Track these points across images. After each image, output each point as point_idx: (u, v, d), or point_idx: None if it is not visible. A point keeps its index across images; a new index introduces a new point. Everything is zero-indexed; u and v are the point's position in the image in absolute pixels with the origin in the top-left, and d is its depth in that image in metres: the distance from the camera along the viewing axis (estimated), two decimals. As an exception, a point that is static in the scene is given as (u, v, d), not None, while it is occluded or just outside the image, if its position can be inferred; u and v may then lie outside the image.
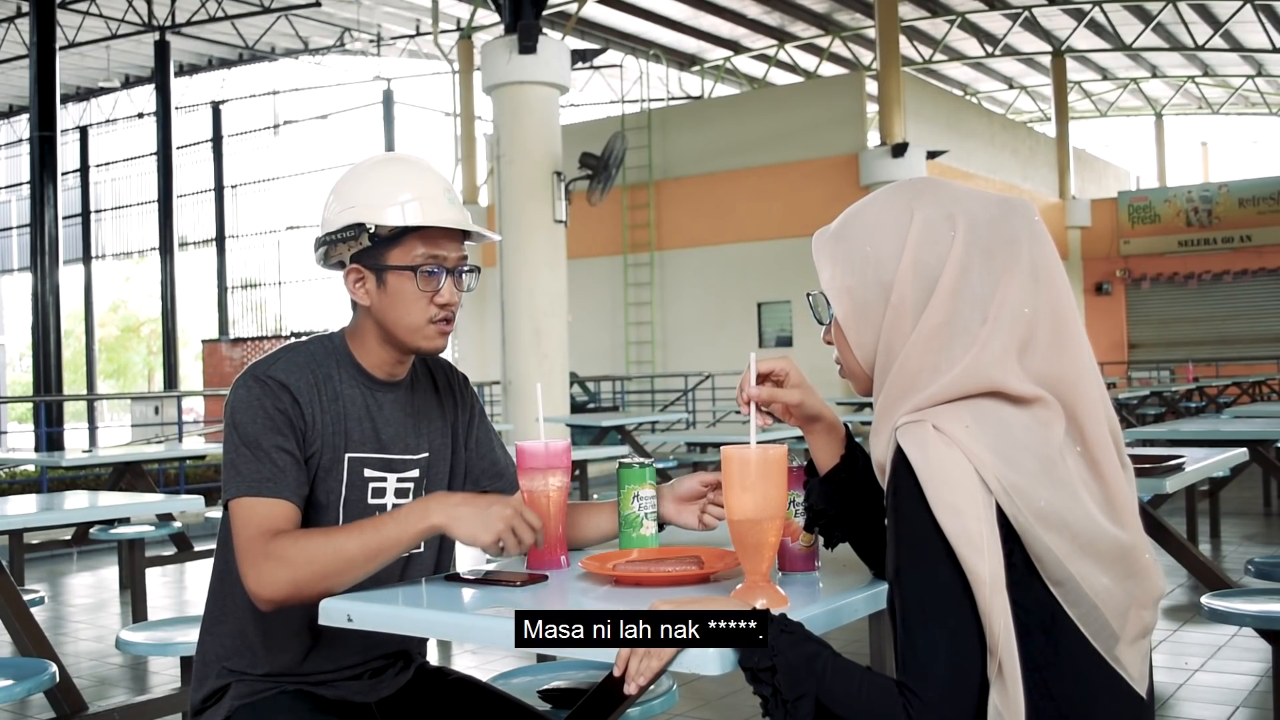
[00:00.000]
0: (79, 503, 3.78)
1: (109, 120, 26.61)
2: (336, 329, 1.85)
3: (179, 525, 5.93)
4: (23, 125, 25.22)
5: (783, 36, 21.36)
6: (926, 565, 1.17)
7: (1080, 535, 1.18)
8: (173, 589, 6.52)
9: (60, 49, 14.97)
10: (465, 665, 4.45)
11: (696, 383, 15.97)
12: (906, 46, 20.04)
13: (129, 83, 24.68)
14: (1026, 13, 19.75)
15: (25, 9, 15.78)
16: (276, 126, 25.03)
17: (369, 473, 1.77)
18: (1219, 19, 19.49)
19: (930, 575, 1.16)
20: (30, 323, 13.59)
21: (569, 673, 2.29)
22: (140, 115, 25.34)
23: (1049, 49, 21.84)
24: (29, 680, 2.53)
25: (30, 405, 12.78)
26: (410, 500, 1.80)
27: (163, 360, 21.57)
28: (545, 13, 11.21)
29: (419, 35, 21.66)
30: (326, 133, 36.01)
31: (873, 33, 17.56)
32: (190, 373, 30.07)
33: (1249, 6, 18.51)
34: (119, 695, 4.21)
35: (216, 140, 24.92)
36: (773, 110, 17.61)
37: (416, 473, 1.82)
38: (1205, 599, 2.93)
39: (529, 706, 1.88)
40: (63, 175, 15.03)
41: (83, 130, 26.07)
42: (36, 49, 13.42)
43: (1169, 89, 26.31)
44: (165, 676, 4.46)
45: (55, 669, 2.66)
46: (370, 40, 22.13)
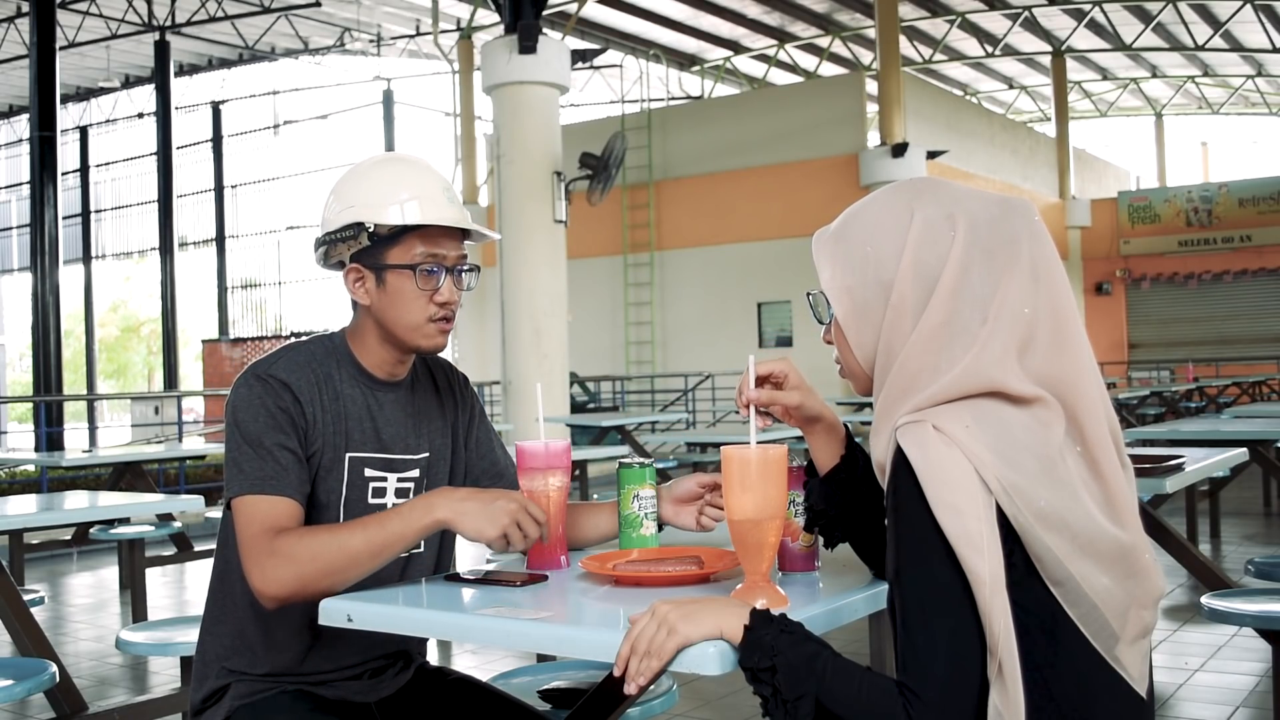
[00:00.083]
0: (79, 503, 3.78)
1: (109, 120, 26.61)
2: (337, 329, 1.85)
3: (179, 525, 5.93)
4: (23, 125, 25.23)
5: (783, 36, 21.36)
6: (926, 565, 1.17)
7: (1080, 535, 1.18)
8: (173, 589, 6.52)
9: (60, 49, 14.97)
10: (465, 665, 4.45)
11: (696, 383, 15.97)
12: (906, 46, 20.04)
13: (129, 83, 24.68)
14: (1026, 13, 19.75)
15: (25, 9, 15.78)
16: (276, 126, 25.04)
17: (369, 472, 1.77)
18: (1219, 19, 19.49)
19: (930, 575, 1.16)
20: (30, 323, 13.59)
21: (569, 673, 2.29)
22: (140, 115, 25.34)
23: (1049, 49, 21.84)
24: (29, 680, 2.53)
25: (30, 405, 12.77)
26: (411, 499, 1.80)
27: (163, 360, 21.57)
28: (545, 13, 11.21)
29: (419, 35, 21.66)
30: (326, 133, 36.05)
31: (873, 33, 17.56)
32: (190, 373, 30.06)
33: (1249, 6, 18.51)
34: (119, 695, 4.21)
35: (216, 140, 24.93)
36: (773, 110, 17.60)
37: (417, 472, 1.82)
38: (1205, 599, 2.93)
39: (529, 706, 1.88)
40: (63, 175, 15.03)
41: (83, 130, 26.07)
42: (36, 49, 13.42)
43: (1169, 89, 26.31)
44: (165, 676, 4.46)
45: (55, 669, 2.66)
46: (370, 40, 22.13)
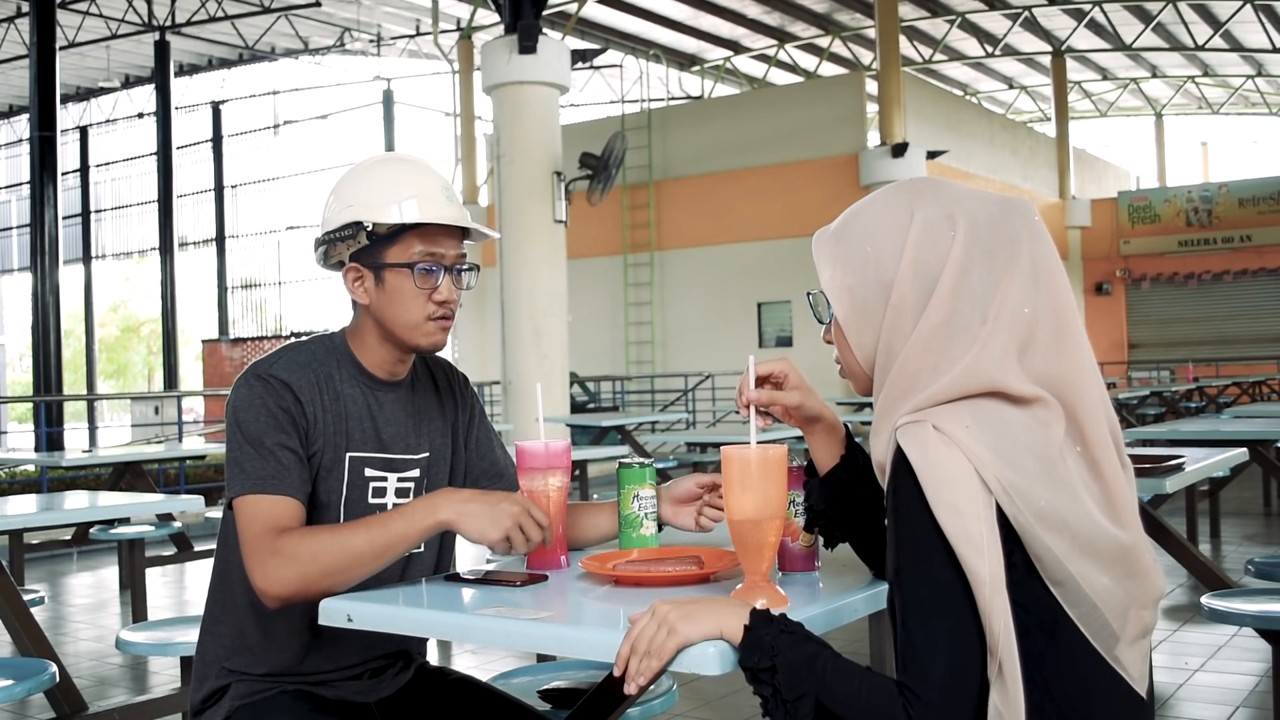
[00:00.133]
0: (79, 503, 3.78)
1: (109, 120, 26.61)
2: (337, 329, 1.85)
3: (179, 525, 5.93)
4: (23, 125, 25.23)
5: (783, 36, 21.36)
6: (926, 565, 1.16)
7: (1080, 535, 1.18)
8: (173, 589, 6.52)
9: (60, 49, 14.97)
10: (465, 665, 4.45)
11: (696, 383, 15.97)
12: (906, 46, 20.04)
13: (129, 83, 24.68)
14: (1026, 13, 19.75)
15: (25, 9, 15.78)
16: (276, 126, 25.04)
17: (370, 472, 1.77)
18: (1219, 19, 19.48)
19: (930, 575, 1.16)
20: (30, 323, 13.59)
21: (569, 673, 2.29)
22: (140, 115, 25.34)
23: (1049, 49, 21.83)
24: (29, 680, 2.53)
25: (30, 405, 12.76)
26: (410, 500, 1.80)
27: (163, 360, 21.57)
28: (545, 13, 11.21)
29: (419, 35, 21.66)
30: (326, 133, 36.05)
31: (873, 33, 17.56)
32: (190, 373, 30.07)
33: (1249, 6, 18.51)
34: (119, 695, 4.21)
35: (216, 140, 24.93)
36: (773, 110, 17.60)
37: (417, 472, 1.82)
38: (1205, 599, 2.93)
39: (529, 706, 1.88)
40: (63, 175, 15.03)
41: (83, 130, 26.07)
42: (36, 49, 13.42)
43: (1169, 89, 26.31)
44: (165, 676, 4.46)
45: (55, 669, 2.66)
46: (370, 40, 22.13)
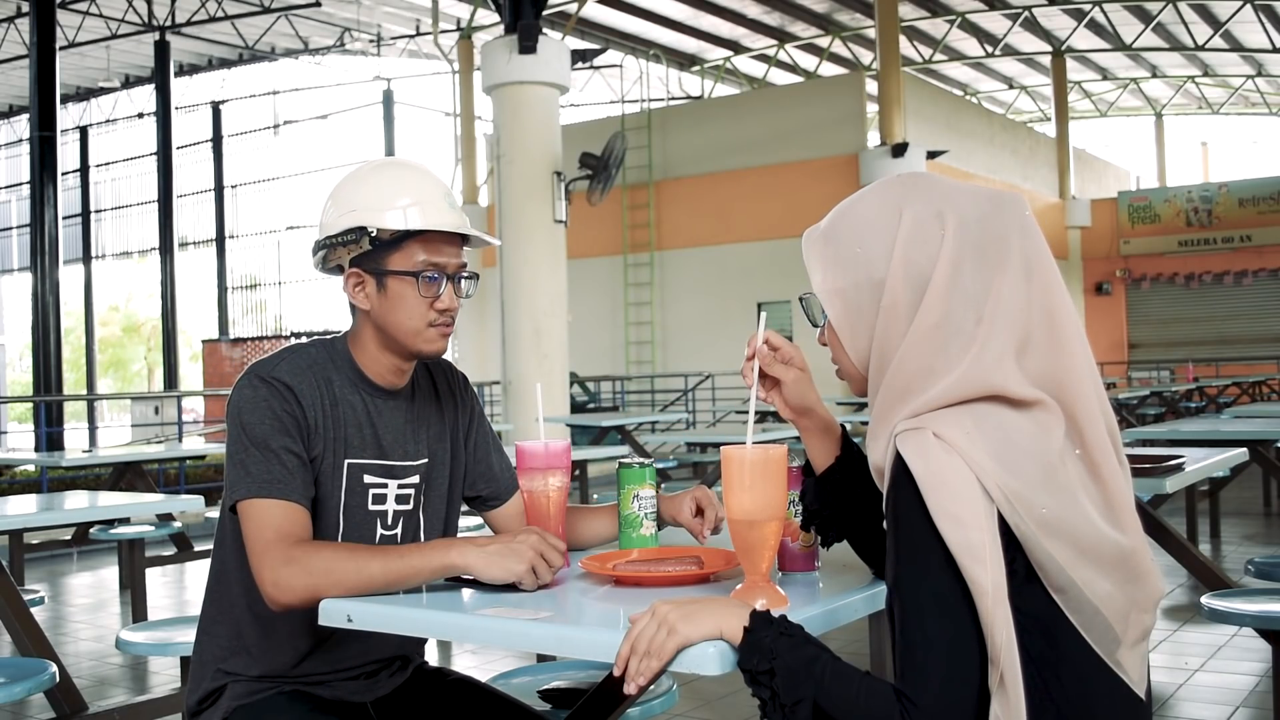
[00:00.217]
0: (79, 503, 3.78)
1: (109, 120, 26.60)
2: (339, 333, 1.85)
3: (179, 525, 5.94)
4: (23, 125, 25.22)
5: (783, 36, 21.35)
6: (927, 574, 1.16)
7: (1082, 541, 1.18)
8: (173, 589, 6.52)
9: (60, 49, 14.96)
10: (465, 665, 4.45)
11: (696, 383, 15.97)
12: (906, 46, 20.03)
13: (129, 83, 24.67)
14: (1026, 13, 19.74)
15: (25, 9, 15.78)
16: (276, 126, 25.03)
17: (369, 479, 1.77)
18: (1219, 19, 19.47)
19: (930, 584, 1.16)
20: (30, 323, 13.59)
21: (569, 673, 2.29)
22: (140, 115, 25.33)
23: (1049, 49, 21.83)
24: (29, 680, 2.53)
25: (30, 405, 12.76)
26: (411, 506, 1.82)
27: (163, 360, 21.56)
28: (545, 13, 11.20)
29: (419, 35, 21.65)
30: (326, 133, 36.09)
31: (873, 33, 17.56)
32: (189, 373, 30.06)
33: (1249, 6, 18.50)
34: (119, 695, 4.21)
35: (216, 140, 24.92)
36: (773, 110, 17.59)
37: (417, 478, 1.82)
38: (1205, 599, 2.93)
39: (528, 707, 1.88)
40: (63, 175, 15.02)
41: (83, 130, 26.06)
42: (36, 49, 13.41)
43: (1169, 89, 26.30)
44: (165, 676, 4.46)
45: (55, 669, 2.66)
46: (370, 40, 22.12)
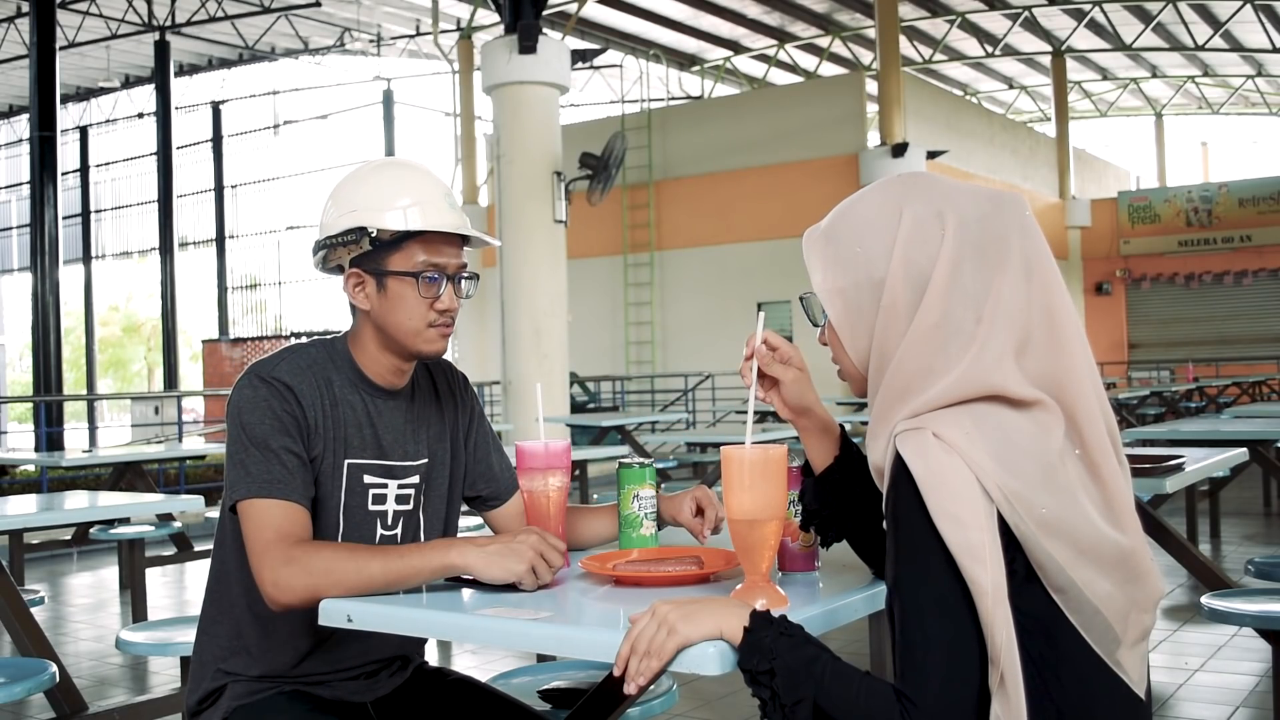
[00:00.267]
0: (79, 503, 3.78)
1: (109, 120, 26.61)
2: (339, 333, 1.85)
3: (179, 525, 5.94)
4: (23, 125, 25.22)
5: (783, 36, 21.35)
6: (927, 574, 1.16)
7: (1082, 541, 1.17)
8: (173, 589, 6.52)
9: (60, 49, 14.96)
10: (465, 665, 4.45)
11: (696, 383, 15.97)
12: (906, 46, 20.03)
13: (129, 83, 24.67)
14: (1026, 13, 19.74)
15: (25, 9, 15.78)
16: (276, 126, 25.03)
17: (369, 479, 1.77)
18: (1219, 19, 19.47)
19: (930, 584, 1.16)
20: (30, 323, 13.59)
21: (569, 673, 2.29)
22: (140, 115, 25.34)
23: (1049, 49, 21.82)
24: (29, 680, 2.53)
25: (30, 405, 12.76)
26: (411, 506, 1.81)
27: (163, 360, 21.56)
28: (545, 13, 11.20)
29: (419, 35, 21.65)
30: (326, 133, 36.09)
31: (873, 33, 17.56)
32: (189, 373, 30.06)
33: (1249, 6, 18.50)
34: (119, 695, 4.21)
35: (216, 140, 24.92)
36: (773, 110, 17.59)
37: (417, 479, 1.82)
38: (1205, 599, 2.93)
39: (528, 707, 1.88)
40: (63, 175, 15.02)
41: (83, 130, 26.06)
42: (36, 49, 13.41)
43: (1169, 89, 26.30)
44: (165, 676, 4.46)
45: (55, 669, 2.66)
46: (370, 40, 22.12)
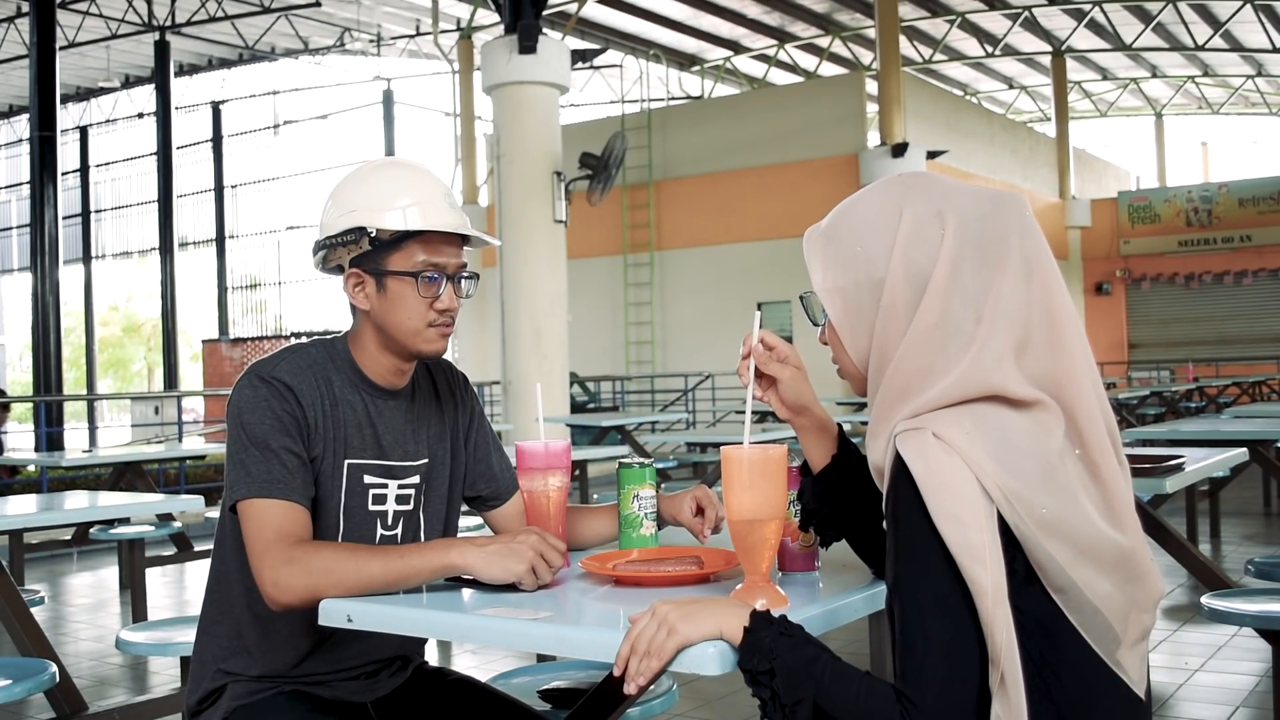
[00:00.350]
0: (79, 503, 3.78)
1: (109, 120, 26.60)
2: (339, 333, 1.84)
3: (179, 525, 5.94)
4: (23, 125, 25.22)
5: (783, 36, 21.35)
6: (927, 575, 1.16)
7: (1082, 542, 1.17)
8: (173, 589, 6.52)
9: (60, 49, 14.96)
10: (465, 665, 4.45)
11: (696, 383, 15.97)
12: (906, 46, 20.02)
13: (129, 83, 24.67)
14: (1026, 13, 19.74)
15: (25, 9, 15.77)
16: (276, 126, 25.03)
17: (369, 479, 1.77)
18: (1219, 19, 19.47)
19: (930, 585, 1.16)
20: (30, 323, 13.58)
21: (569, 673, 2.29)
22: (140, 115, 25.33)
23: (1049, 49, 21.82)
24: (29, 680, 2.53)
25: (30, 405, 12.77)
26: (411, 506, 1.81)
27: (163, 360, 21.55)
28: (545, 13, 11.20)
29: (419, 35, 21.64)
30: (326, 133, 36.10)
31: (873, 33, 17.56)
32: (189, 373, 30.06)
33: (1249, 6, 18.50)
34: (119, 695, 4.21)
35: (216, 140, 24.92)
36: (773, 110, 17.59)
37: (417, 479, 1.82)
38: (1205, 599, 2.93)
39: (528, 707, 1.88)
40: (63, 175, 15.01)
41: (83, 130, 26.06)
42: (36, 49, 13.41)
43: (1169, 89, 26.29)
44: (165, 676, 4.46)
45: (55, 669, 2.66)
46: (370, 40, 22.12)
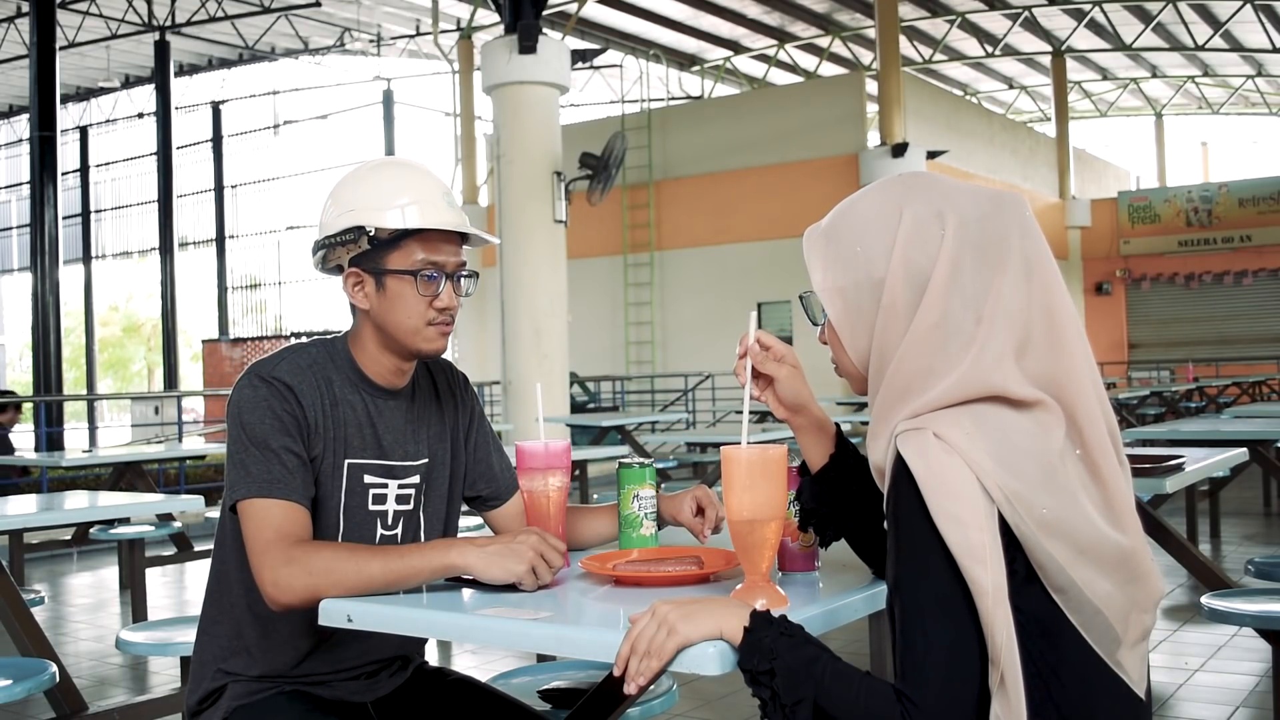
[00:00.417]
0: (79, 503, 3.78)
1: (109, 120, 26.60)
2: (339, 333, 1.84)
3: (179, 525, 5.94)
4: (23, 125, 25.22)
5: (783, 36, 21.35)
6: (927, 575, 1.16)
7: (1082, 542, 1.17)
8: (173, 589, 6.52)
9: (60, 49, 14.96)
10: (465, 665, 4.45)
11: (696, 383, 15.97)
12: (906, 46, 20.03)
13: (129, 83, 24.67)
14: (1026, 13, 19.74)
15: (25, 9, 15.78)
16: (276, 126, 25.03)
17: (369, 479, 1.77)
18: (1219, 19, 19.48)
19: (931, 585, 1.16)
20: (30, 323, 13.58)
21: (569, 673, 2.29)
22: (140, 115, 25.33)
23: (1049, 49, 21.83)
24: (29, 680, 2.53)
25: (30, 405, 12.77)
26: (411, 506, 1.81)
27: (163, 360, 21.55)
28: (545, 13, 11.20)
29: (419, 35, 21.65)
30: (326, 133, 36.12)
31: (873, 33, 17.56)
32: (189, 373, 30.06)
33: (1249, 6, 18.50)
34: (119, 695, 4.21)
35: (216, 140, 24.92)
36: (773, 110, 17.59)
37: (417, 478, 1.82)
38: (1205, 599, 2.93)
39: (528, 707, 1.88)
40: (63, 175, 15.01)
41: (83, 130, 26.06)
42: (36, 49, 13.41)
43: (1169, 89, 26.30)
44: (165, 676, 4.46)
45: (55, 669, 2.66)
46: (370, 40, 22.12)
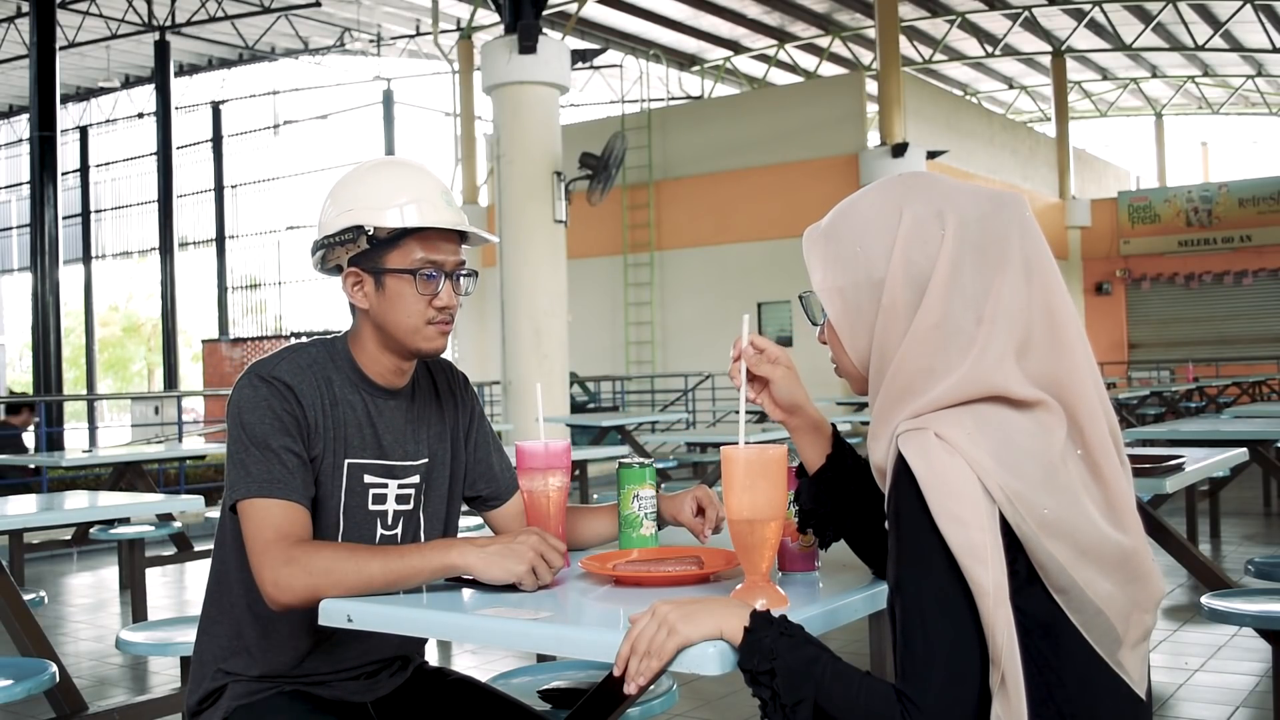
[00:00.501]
0: (79, 503, 3.78)
1: (109, 120, 26.61)
2: (339, 332, 1.84)
3: (179, 525, 5.94)
4: (23, 125, 25.22)
5: (783, 36, 21.35)
6: (928, 574, 1.16)
7: (1083, 542, 1.17)
8: (173, 589, 6.52)
9: (60, 49, 14.96)
10: (465, 665, 4.45)
11: (696, 383, 15.96)
12: (906, 46, 20.03)
13: (129, 83, 24.67)
14: (1026, 13, 19.74)
15: (25, 9, 15.78)
16: (276, 126, 25.03)
17: (369, 479, 1.77)
18: (1219, 19, 19.48)
19: (932, 585, 1.16)
20: (30, 323, 13.58)
21: (569, 673, 2.29)
22: (140, 115, 25.34)
23: (1049, 49, 21.83)
24: (29, 680, 2.53)
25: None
26: (411, 506, 1.81)
27: (163, 360, 21.56)
28: (545, 13, 11.20)
29: (419, 35, 21.65)
30: (326, 133, 36.12)
31: (873, 33, 17.56)
32: (189, 373, 30.06)
33: (1249, 6, 18.50)
34: (119, 695, 4.21)
35: (216, 140, 24.92)
36: (773, 110, 17.60)
37: (417, 478, 1.82)
38: (1205, 599, 2.93)
39: (528, 707, 1.88)
40: (63, 175, 15.02)
41: (83, 130, 26.06)
42: (36, 49, 13.41)
43: (1169, 89, 26.30)
44: (165, 676, 4.46)
45: (55, 669, 2.66)
46: (370, 40, 22.12)
